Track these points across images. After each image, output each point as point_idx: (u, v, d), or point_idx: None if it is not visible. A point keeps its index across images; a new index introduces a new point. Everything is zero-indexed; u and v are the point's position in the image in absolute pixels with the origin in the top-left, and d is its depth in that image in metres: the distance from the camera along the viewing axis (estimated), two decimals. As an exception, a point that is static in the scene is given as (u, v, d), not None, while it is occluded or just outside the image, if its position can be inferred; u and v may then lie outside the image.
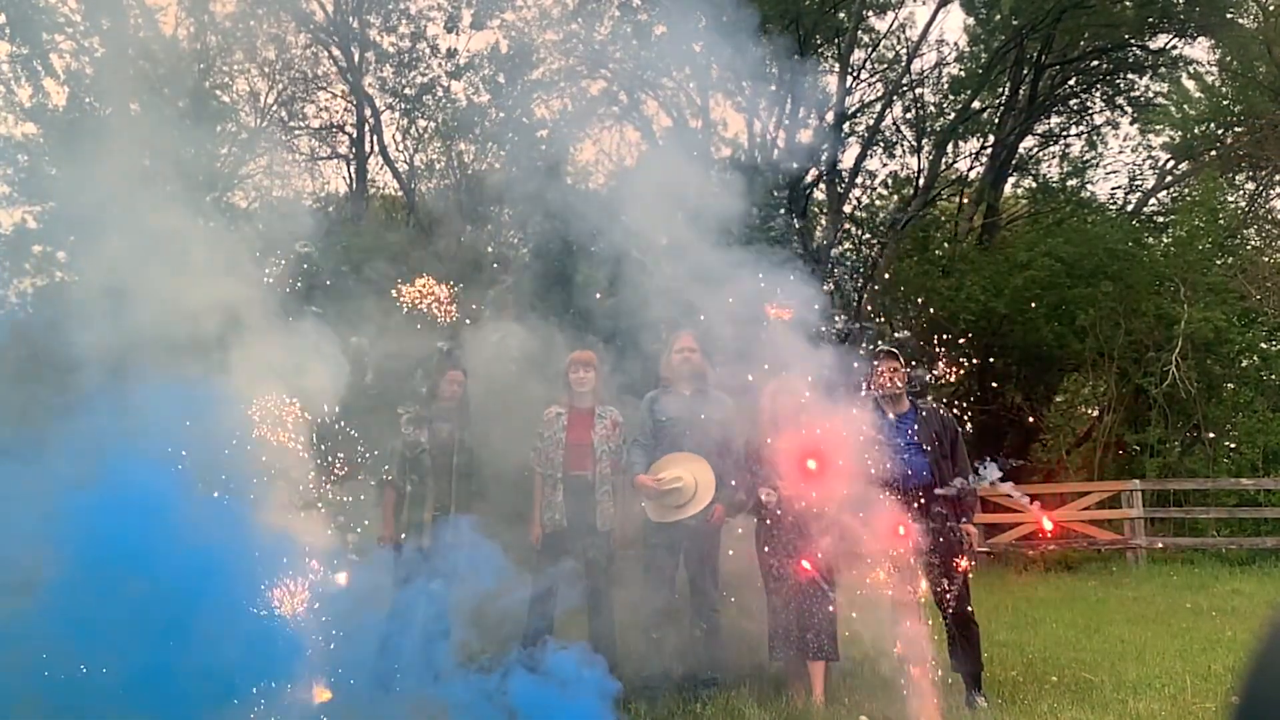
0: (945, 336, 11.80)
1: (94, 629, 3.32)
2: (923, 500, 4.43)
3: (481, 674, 4.19)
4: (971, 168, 15.49)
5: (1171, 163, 15.87)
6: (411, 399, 5.21)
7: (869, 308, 12.82)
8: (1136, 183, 15.51)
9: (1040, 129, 15.39)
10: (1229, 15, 13.33)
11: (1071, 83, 14.71)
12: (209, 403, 3.91)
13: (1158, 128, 15.48)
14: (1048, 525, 8.83)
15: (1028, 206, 15.94)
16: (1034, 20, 12.66)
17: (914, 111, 14.94)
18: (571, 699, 3.89)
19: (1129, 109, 14.86)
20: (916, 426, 4.59)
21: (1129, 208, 15.22)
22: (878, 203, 15.86)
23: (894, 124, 15.15)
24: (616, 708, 4.14)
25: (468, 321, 6.31)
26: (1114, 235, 12.72)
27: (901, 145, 15.34)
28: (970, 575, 4.47)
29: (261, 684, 3.50)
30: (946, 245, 14.61)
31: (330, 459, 4.58)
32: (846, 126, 14.49)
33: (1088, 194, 15.24)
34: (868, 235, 15.36)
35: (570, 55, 12.99)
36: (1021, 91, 14.19)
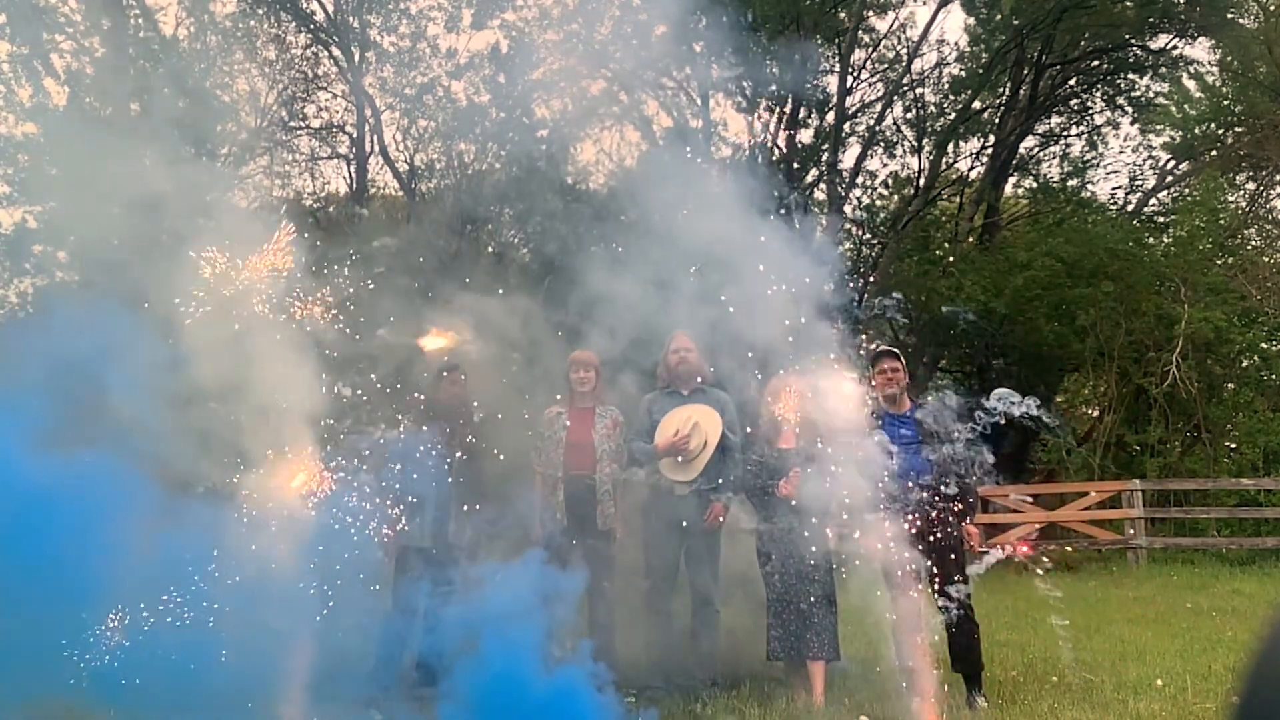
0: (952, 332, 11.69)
1: None
2: (923, 499, 4.42)
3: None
4: (972, 168, 15.51)
5: (1172, 163, 15.89)
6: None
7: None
8: (1137, 183, 15.54)
9: (1040, 129, 15.40)
10: (1229, 15, 13.33)
11: (1072, 83, 14.72)
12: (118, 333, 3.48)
13: (1158, 128, 15.50)
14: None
15: (1028, 206, 15.95)
16: (1034, 20, 12.66)
17: (914, 111, 14.95)
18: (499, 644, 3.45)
19: (1129, 109, 14.86)
20: (917, 426, 4.58)
21: (1129, 208, 15.23)
22: (878, 203, 15.87)
23: (894, 124, 15.15)
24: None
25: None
26: (1114, 235, 12.72)
27: (902, 145, 15.36)
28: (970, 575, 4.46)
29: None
30: (946, 245, 14.60)
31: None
32: (847, 126, 14.49)
33: (1088, 194, 15.26)
34: (868, 235, 15.37)
35: (571, 55, 12.97)
36: (1022, 91, 14.19)
